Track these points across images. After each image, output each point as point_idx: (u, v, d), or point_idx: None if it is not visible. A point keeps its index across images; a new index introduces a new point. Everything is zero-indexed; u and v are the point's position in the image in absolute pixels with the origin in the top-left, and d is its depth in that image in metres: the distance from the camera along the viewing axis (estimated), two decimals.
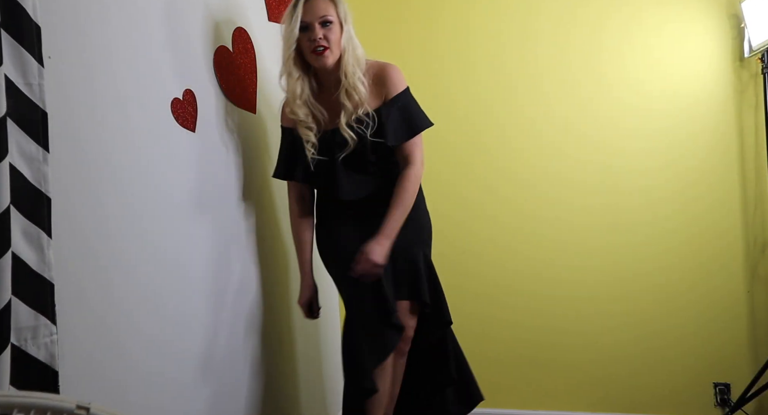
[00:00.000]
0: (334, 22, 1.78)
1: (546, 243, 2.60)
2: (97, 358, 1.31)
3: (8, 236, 1.03)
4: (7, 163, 1.04)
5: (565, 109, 2.58)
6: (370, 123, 1.81)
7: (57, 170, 1.16)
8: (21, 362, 1.05)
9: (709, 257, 2.46)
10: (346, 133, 1.80)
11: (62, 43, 1.24)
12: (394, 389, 1.94)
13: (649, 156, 2.51)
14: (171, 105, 1.62)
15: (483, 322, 2.64)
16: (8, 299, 1.02)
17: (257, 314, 2.06)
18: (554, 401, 2.59)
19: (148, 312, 1.49)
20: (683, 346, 2.48)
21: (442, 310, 1.93)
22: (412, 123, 1.86)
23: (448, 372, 1.96)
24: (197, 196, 1.74)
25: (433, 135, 2.66)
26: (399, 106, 1.85)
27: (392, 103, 1.84)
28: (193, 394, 1.68)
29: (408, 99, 1.88)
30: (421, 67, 2.69)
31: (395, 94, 1.84)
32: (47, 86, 1.11)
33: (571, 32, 2.58)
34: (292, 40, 1.77)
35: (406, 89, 1.88)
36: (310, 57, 1.79)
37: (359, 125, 1.81)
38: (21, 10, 1.08)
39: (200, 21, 1.82)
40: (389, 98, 1.84)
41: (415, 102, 1.90)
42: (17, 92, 1.08)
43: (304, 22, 1.76)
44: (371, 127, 1.81)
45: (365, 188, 1.88)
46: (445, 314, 1.94)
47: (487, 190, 2.65)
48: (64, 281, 1.16)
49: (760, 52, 2.33)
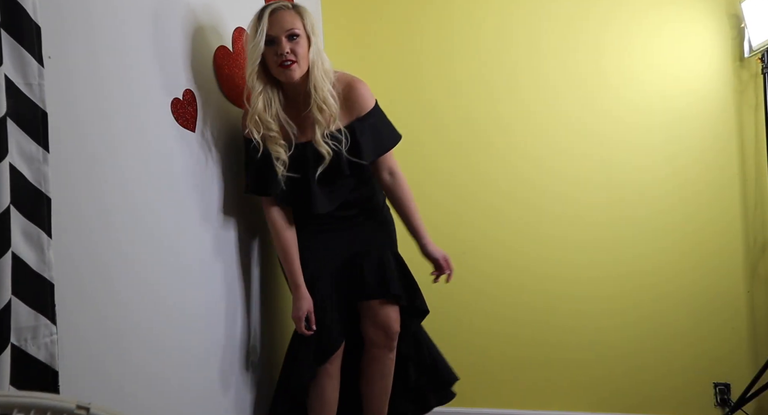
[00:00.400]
0: (301, 35, 1.75)
1: (546, 240, 2.60)
2: (97, 358, 1.31)
3: (8, 236, 1.03)
4: (7, 163, 1.04)
5: (568, 106, 2.58)
6: (344, 139, 1.81)
7: (57, 170, 1.16)
8: (21, 362, 1.05)
9: (709, 257, 2.46)
10: (322, 148, 1.78)
11: (62, 43, 1.24)
12: (387, 383, 2.02)
13: (650, 155, 2.51)
14: (171, 105, 1.62)
15: (481, 319, 2.63)
16: (8, 299, 1.02)
17: (260, 314, 2.06)
18: (554, 401, 2.59)
19: (148, 312, 1.49)
20: (683, 345, 2.48)
21: (417, 300, 1.99)
22: (384, 139, 1.90)
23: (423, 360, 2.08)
24: (197, 197, 1.74)
25: (437, 130, 2.68)
26: (371, 123, 1.86)
27: (364, 120, 1.85)
28: (194, 394, 1.68)
29: (379, 114, 1.90)
30: (429, 62, 2.69)
31: (366, 111, 1.85)
32: (47, 86, 1.11)
33: (574, 31, 2.58)
34: (257, 54, 1.73)
35: (376, 104, 1.89)
36: (276, 71, 1.75)
37: (334, 141, 1.80)
38: (21, 10, 1.08)
39: (200, 21, 1.82)
40: (361, 115, 1.84)
41: (385, 116, 1.93)
42: (17, 92, 1.07)
43: (269, 36, 1.72)
44: (345, 144, 1.81)
45: (337, 198, 1.89)
46: (422, 304, 2.00)
47: (490, 186, 2.64)
48: (64, 281, 1.16)
49: (760, 52, 2.33)
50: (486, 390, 2.08)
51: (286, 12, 1.74)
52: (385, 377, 2.01)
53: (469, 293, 2.64)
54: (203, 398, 1.73)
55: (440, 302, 2.62)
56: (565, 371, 2.58)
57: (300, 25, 1.75)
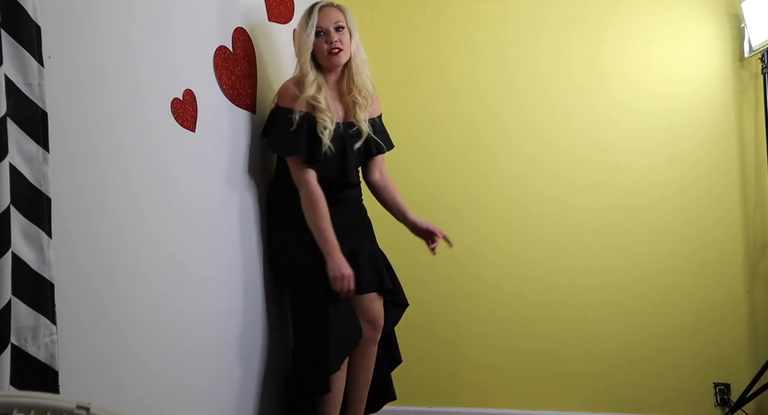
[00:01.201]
0: (345, 27, 2.01)
1: (546, 243, 2.60)
2: (98, 358, 1.30)
3: (8, 235, 1.03)
4: (7, 163, 1.04)
5: (566, 108, 2.58)
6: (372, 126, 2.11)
7: (57, 170, 1.16)
8: (21, 362, 1.05)
9: (709, 257, 2.46)
10: (363, 125, 2.06)
11: (62, 43, 1.24)
12: (369, 377, 2.15)
13: (649, 155, 2.51)
14: (171, 105, 1.62)
15: (483, 322, 2.63)
16: (8, 299, 1.02)
17: (262, 314, 2.06)
18: (554, 401, 2.59)
19: (148, 312, 1.49)
20: (683, 346, 2.48)
21: (400, 294, 2.17)
22: (388, 140, 2.21)
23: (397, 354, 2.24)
24: (197, 197, 1.74)
25: (434, 132, 2.68)
26: (381, 124, 2.19)
27: (378, 120, 2.18)
28: (194, 394, 1.68)
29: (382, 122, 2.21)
30: (426, 64, 2.69)
31: (379, 114, 2.19)
32: (47, 86, 1.11)
33: (573, 32, 2.58)
34: (309, 43, 1.97)
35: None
36: (325, 58, 1.99)
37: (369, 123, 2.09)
38: (21, 10, 1.08)
39: (200, 21, 1.82)
40: (374, 116, 2.15)
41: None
42: (17, 92, 1.07)
43: (320, 28, 1.98)
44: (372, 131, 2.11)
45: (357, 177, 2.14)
46: (403, 297, 2.19)
47: (488, 189, 2.65)
48: (64, 281, 1.16)
49: (760, 52, 2.33)
50: (485, 390, 2.08)
51: (333, 8, 2.02)
52: (369, 371, 2.15)
53: (468, 296, 2.65)
54: (205, 398, 1.73)
55: (438, 305, 2.63)
56: (565, 371, 2.58)
57: (344, 19, 2.02)
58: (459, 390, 2.32)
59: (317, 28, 1.98)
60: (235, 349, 1.90)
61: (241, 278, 1.97)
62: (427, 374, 2.61)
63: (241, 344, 1.94)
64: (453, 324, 2.64)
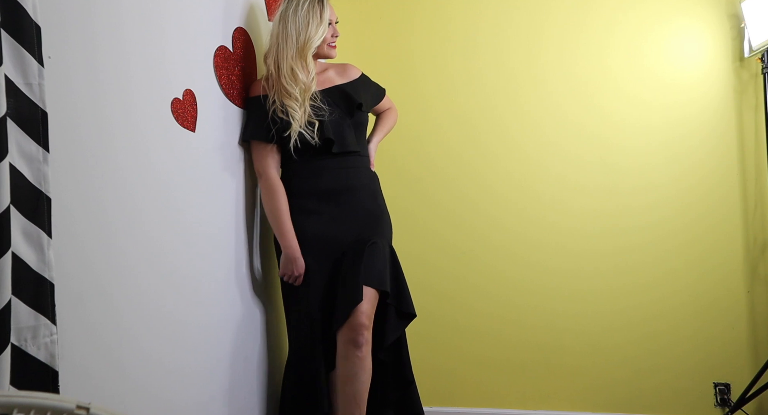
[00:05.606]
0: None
1: (547, 243, 2.60)
2: (97, 358, 1.30)
3: (8, 236, 1.03)
4: (7, 163, 1.04)
5: (566, 108, 2.58)
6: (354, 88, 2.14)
7: (57, 170, 1.16)
8: (21, 362, 1.05)
9: (709, 257, 2.46)
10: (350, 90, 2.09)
11: (62, 43, 1.24)
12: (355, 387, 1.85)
13: (649, 155, 2.51)
14: (171, 105, 1.62)
15: (483, 322, 2.63)
16: (8, 299, 1.02)
17: (260, 313, 2.06)
18: (554, 401, 2.59)
19: (148, 312, 1.49)
20: (683, 346, 2.48)
21: (405, 302, 1.98)
22: (377, 92, 2.24)
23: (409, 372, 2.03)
24: (197, 197, 1.74)
25: (433, 131, 2.68)
26: (361, 82, 2.18)
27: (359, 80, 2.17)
28: (194, 394, 1.67)
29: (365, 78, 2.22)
30: (425, 63, 2.69)
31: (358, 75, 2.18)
32: (47, 86, 1.11)
33: (575, 32, 2.58)
34: (322, 34, 2.02)
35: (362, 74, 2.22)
36: (327, 48, 2.08)
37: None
38: (21, 10, 1.08)
39: (200, 21, 1.81)
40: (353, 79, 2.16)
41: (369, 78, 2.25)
42: (17, 92, 1.07)
43: (330, 21, 2.06)
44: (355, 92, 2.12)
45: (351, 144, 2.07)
46: (409, 306, 1.98)
47: (488, 190, 2.65)
48: (64, 281, 1.16)
49: (760, 52, 2.33)
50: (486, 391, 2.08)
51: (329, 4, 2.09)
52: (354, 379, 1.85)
53: (468, 295, 2.64)
54: (205, 397, 1.73)
55: (438, 305, 2.63)
56: (565, 372, 2.58)
57: None
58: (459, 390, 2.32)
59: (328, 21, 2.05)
60: (238, 348, 1.90)
61: (244, 277, 1.97)
62: (427, 374, 2.60)
63: (244, 344, 1.94)
64: (452, 324, 2.64)
